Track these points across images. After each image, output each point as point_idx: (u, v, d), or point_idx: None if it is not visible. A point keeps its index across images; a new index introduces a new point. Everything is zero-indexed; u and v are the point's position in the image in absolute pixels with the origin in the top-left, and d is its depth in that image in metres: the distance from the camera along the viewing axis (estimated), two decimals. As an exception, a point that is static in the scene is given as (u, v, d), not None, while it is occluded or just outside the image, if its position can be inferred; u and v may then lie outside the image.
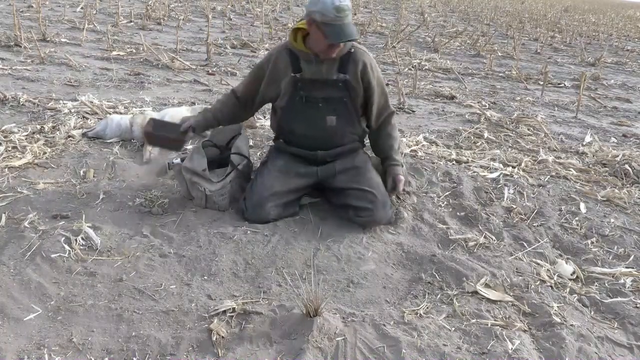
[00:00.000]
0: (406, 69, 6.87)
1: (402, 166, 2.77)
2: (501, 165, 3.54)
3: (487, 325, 1.96)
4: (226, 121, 2.76)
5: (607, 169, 3.71)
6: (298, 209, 2.66)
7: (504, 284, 2.24)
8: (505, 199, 3.05)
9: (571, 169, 3.63)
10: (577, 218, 2.90)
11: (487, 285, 2.21)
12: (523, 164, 3.60)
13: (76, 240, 2.25)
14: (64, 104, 4.01)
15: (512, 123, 4.67)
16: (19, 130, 3.37)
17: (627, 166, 3.63)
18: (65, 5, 9.58)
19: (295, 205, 2.65)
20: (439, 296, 2.14)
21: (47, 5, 9.56)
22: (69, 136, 3.35)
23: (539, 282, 2.28)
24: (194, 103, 4.44)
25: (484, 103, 5.43)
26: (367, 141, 2.88)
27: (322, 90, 2.56)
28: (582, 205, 3.05)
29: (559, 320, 2.00)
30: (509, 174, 3.39)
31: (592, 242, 2.69)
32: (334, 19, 2.31)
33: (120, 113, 3.89)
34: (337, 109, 2.59)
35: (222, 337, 1.81)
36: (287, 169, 2.62)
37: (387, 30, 10.46)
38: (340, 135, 2.65)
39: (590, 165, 3.77)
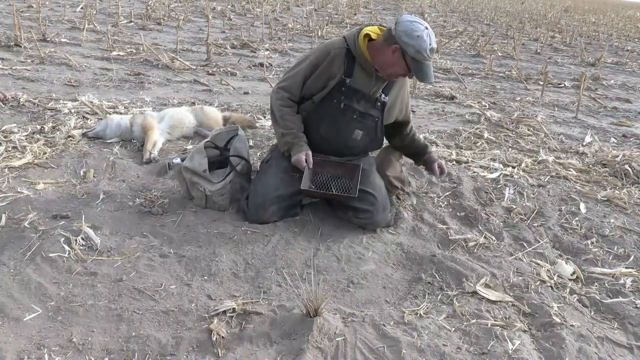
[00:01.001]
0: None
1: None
2: (501, 166, 3.54)
3: (487, 325, 1.96)
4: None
5: (607, 169, 3.71)
6: (299, 209, 2.66)
7: (504, 284, 2.24)
8: (505, 199, 3.05)
9: (571, 169, 3.63)
10: (577, 218, 2.90)
11: (487, 286, 2.21)
12: (523, 164, 3.60)
13: (76, 240, 2.25)
14: (64, 104, 4.01)
15: (512, 123, 4.67)
16: (19, 131, 3.37)
17: (627, 166, 3.63)
18: (65, 5, 9.58)
19: (297, 206, 2.65)
20: (439, 296, 2.14)
21: (47, 5, 9.56)
22: (69, 136, 3.35)
23: (539, 282, 2.28)
24: (194, 103, 4.44)
25: (484, 103, 5.43)
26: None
27: (362, 105, 2.56)
28: (582, 206, 3.05)
29: (559, 321, 2.00)
30: (509, 174, 3.39)
31: (592, 242, 2.69)
32: (425, 59, 2.35)
33: (120, 113, 3.89)
34: (367, 125, 2.61)
35: (222, 337, 1.81)
36: (292, 171, 2.59)
37: (387, 31, 10.44)
38: (359, 148, 2.69)
39: (590, 166, 3.77)
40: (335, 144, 2.64)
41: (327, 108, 2.55)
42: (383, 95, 2.58)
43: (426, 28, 2.35)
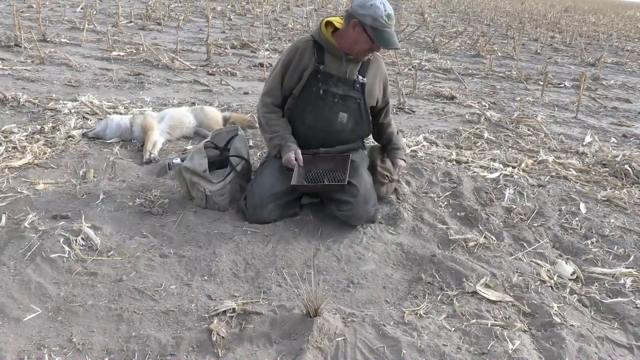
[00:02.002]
0: (406, 69, 6.87)
1: (404, 150, 2.93)
2: (501, 166, 3.54)
3: (487, 325, 1.96)
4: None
5: (607, 169, 3.71)
6: (299, 209, 2.66)
7: (504, 284, 2.24)
8: (505, 199, 3.05)
9: (571, 169, 3.63)
10: (577, 218, 2.90)
11: (487, 286, 2.21)
12: (523, 164, 3.60)
13: (76, 240, 2.25)
14: (64, 104, 4.01)
15: (512, 123, 4.67)
16: (19, 131, 3.37)
17: (627, 166, 3.63)
18: (65, 6, 9.58)
19: (295, 205, 2.65)
20: (439, 296, 2.14)
21: (47, 5, 9.56)
22: (69, 136, 3.35)
23: (539, 282, 2.28)
24: (194, 103, 4.44)
25: (484, 103, 5.43)
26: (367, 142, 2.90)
27: (340, 88, 2.65)
28: (582, 206, 3.05)
29: (559, 321, 2.00)
30: (509, 174, 3.39)
31: (592, 242, 2.69)
32: (384, 25, 2.45)
33: (120, 113, 3.89)
34: (351, 107, 2.68)
35: (222, 337, 1.81)
36: (287, 169, 2.61)
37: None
38: (347, 133, 2.74)
39: (590, 166, 3.77)
40: (323, 132, 2.70)
41: (307, 97, 2.64)
42: (360, 77, 2.66)
43: None
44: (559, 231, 2.76)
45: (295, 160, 2.59)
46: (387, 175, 2.81)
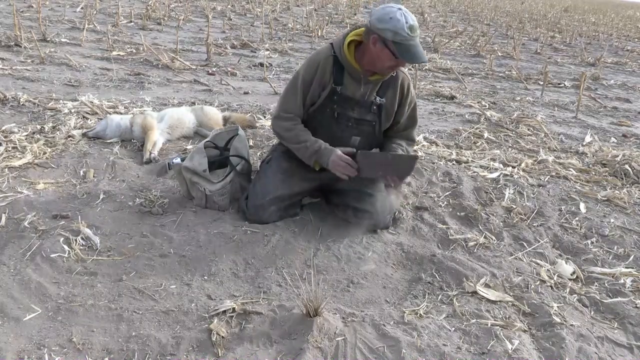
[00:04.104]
0: (406, 69, 6.86)
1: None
2: (501, 165, 3.54)
3: (487, 325, 1.96)
4: None
5: (607, 169, 3.71)
6: (299, 210, 2.66)
7: (504, 284, 2.24)
8: (505, 199, 3.05)
9: (571, 169, 3.63)
10: (577, 218, 2.90)
11: (487, 285, 2.21)
12: (523, 164, 3.60)
13: (76, 240, 2.25)
14: (64, 104, 4.01)
15: (512, 123, 4.67)
16: (19, 130, 3.37)
17: (627, 166, 3.63)
18: (65, 5, 9.58)
19: (296, 206, 2.64)
20: (439, 296, 2.14)
21: (47, 5, 9.56)
22: (69, 136, 3.35)
23: (539, 282, 2.28)
24: (194, 103, 4.44)
25: (484, 103, 5.43)
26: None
27: (356, 111, 2.50)
28: (582, 205, 3.05)
29: (559, 320, 2.00)
30: (509, 174, 3.39)
31: (592, 242, 2.69)
32: (407, 39, 2.24)
33: (120, 113, 3.89)
34: (365, 131, 2.56)
35: (222, 337, 1.81)
36: (292, 172, 2.57)
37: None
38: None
39: (590, 165, 3.77)
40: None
41: (321, 117, 2.51)
42: (378, 98, 2.51)
43: (399, 8, 2.27)
44: (559, 231, 2.76)
45: (346, 162, 2.37)
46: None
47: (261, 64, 6.20)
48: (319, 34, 8.95)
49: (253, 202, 2.55)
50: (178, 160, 2.68)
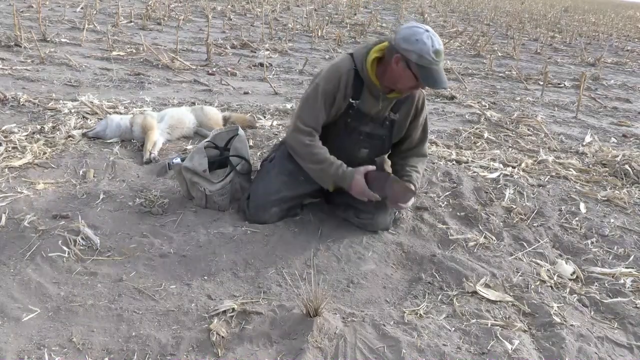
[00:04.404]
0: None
1: (415, 185, 2.57)
2: (501, 165, 3.55)
3: (487, 325, 1.96)
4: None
5: (607, 169, 3.71)
6: (299, 210, 2.66)
7: (504, 284, 2.24)
8: (505, 199, 3.05)
9: (571, 169, 3.63)
10: (577, 218, 2.90)
11: (487, 285, 2.21)
12: (523, 164, 3.60)
13: (76, 240, 2.25)
14: (64, 104, 4.01)
15: (512, 123, 4.67)
16: (19, 130, 3.37)
17: (627, 166, 3.63)
18: (65, 5, 9.58)
19: (297, 207, 2.64)
20: (439, 296, 2.14)
21: (47, 5, 9.56)
22: (69, 136, 3.35)
23: (539, 282, 2.28)
24: (194, 103, 4.44)
25: (484, 103, 5.43)
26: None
27: (369, 125, 2.48)
28: (582, 205, 3.05)
29: (559, 320, 2.00)
30: (509, 174, 3.39)
31: (592, 242, 2.69)
32: (431, 63, 2.20)
33: (120, 113, 3.89)
34: (374, 144, 2.55)
35: (222, 337, 1.81)
36: (297, 174, 2.56)
37: (387, 30, 10.46)
38: (365, 163, 2.58)
39: (590, 165, 3.77)
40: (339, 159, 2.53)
41: (332, 129, 2.48)
42: (392, 114, 2.48)
43: (427, 31, 2.23)
44: (559, 231, 2.76)
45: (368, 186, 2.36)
46: None
47: (261, 64, 6.20)
48: (319, 34, 8.94)
49: (255, 202, 2.54)
50: (178, 160, 2.67)
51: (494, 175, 3.35)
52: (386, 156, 2.78)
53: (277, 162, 2.64)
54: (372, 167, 2.41)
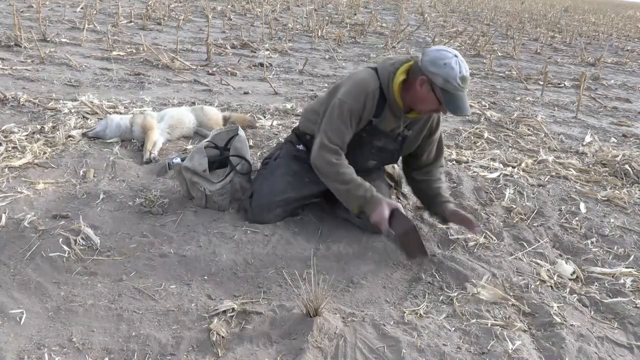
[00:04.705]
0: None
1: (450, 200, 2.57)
2: (501, 165, 3.55)
3: (487, 325, 1.96)
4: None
5: (607, 169, 3.71)
6: (300, 210, 2.65)
7: (504, 284, 2.24)
8: (505, 199, 3.05)
9: (571, 169, 3.63)
10: (577, 218, 2.90)
11: (487, 286, 2.21)
12: (523, 164, 3.60)
13: (76, 240, 2.25)
14: (64, 104, 4.01)
15: (512, 123, 4.67)
16: (19, 130, 3.37)
17: (627, 166, 3.63)
18: (65, 5, 9.58)
19: (300, 208, 2.64)
20: (439, 296, 2.14)
21: (47, 5, 9.56)
22: (69, 136, 3.35)
23: (539, 282, 2.28)
24: (194, 103, 4.44)
25: (484, 103, 5.43)
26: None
27: (382, 140, 2.47)
28: (582, 205, 3.05)
29: (559, 320, 2.00)
30: (509, 174, 3.39)
31: (592, 242, 2.69)
32: (456, 88, 2.17)
33: (120, 113, 3.89)
34: (383, 157, 2.55)
35: (222, 337, 1.81)
36: (302, 175, 2.56)
37: (387, 30, 10.46)
38: (372, 172, 2.61)
39: (590, 165, 3.77)
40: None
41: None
42: (406, 130, 2.47)
43: (455, 56, 2.19)
44: (559, 231, 2.76)
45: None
46: (391, 185, 2.84)
47: (261, 64, 6.20)
48: (319, 34, 8.94)
49: (259, 201, 2.53)
50: (178, 160, 2.68)
51: (494, 175, 3.35)
52: (399, 169, 2.80)
53: (282, 162, 2.63)
54: (399, 206, 2.35)
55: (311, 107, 2.64)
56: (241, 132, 2.84)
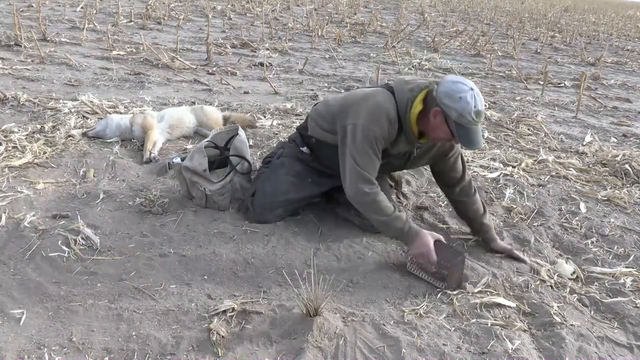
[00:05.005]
0: (406, 69, 6.87)
1: (494, 233, 2.51)
2: (501, 165, 3.55)
3: (487, 325, 1.96)
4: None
5: (607, 169, 3.71)
6: (300, 210, 2.65)
7: (504, 284, 2.24)
8: (505, 198, 3.05)
9: (571, 169, 3.63)
10: (577, 218, 2.90)
11: (487, 285, 2.21)
12: (523, 164, 3.60)
13: (76, 240, 2.25)
14: (64, 103, 4.01)
15: (512, 123, 4.67)
16: (19, 130, 3.37)
17: (627, 166, 3.63)
18: (65, 5, 9.58)
19: (301, 208, 2.64)
20: (439, 296, 2.14)
21: (47, 5, 9.56)
22: (69, 136, 3.35)
23: (539, 282, 2.28)
24: (194, 103, 4.44)
25: (484, 103, 5.42)
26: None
27: (388, 159, 2.43)
28: (582, 205, 3.05)
29: (559, 320, 2.00)
30: (509, 173, 3.39)
31: (592, 242, 2.69)
32: (470, 123, 2.14)
33: (120, 113, 3.89)
34: (385, 170, 2.55)
35: (222, 336, 1.81)
36: (305, 176, 2.56)
37: (387, 30, 10.46)
38: None
39: (590, 165, 3.77)
40: (339, 180, 2.47)
41: None
42: (415, 150, 2.46)
43: (471, 89, 2.15)
44: (559, 231, 2.76)
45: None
46: (391, 185, 2.84)
47: (261, 64, 6.20)
48: (319, 34, 8.94)
49: (261, 201, 2.53)
50: (178, 160, 2.68)
51: (494, 174, 3.35)
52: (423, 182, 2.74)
53: (285, 162, 2.62)
54: (440, 236, 2.30)
55: (321, 114, 2.53)
56: (241, 131, 2.84)
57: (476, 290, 2.16)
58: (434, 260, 2.18)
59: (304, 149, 2.62)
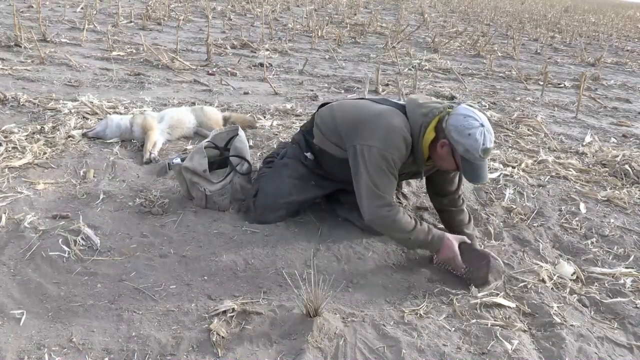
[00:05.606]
0: (406, 69, 6.87)
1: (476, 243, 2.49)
2: (501, 166, 3.55)
3: (487, 325, 1.96)
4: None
5: (607, 169, 3.71)
6: (302, 210, 2.65)
7: (504, 283, 2.24)
8: (505, 199, 3.05)
9: (571, 169, 3.63)
10: (577, 218, 2.90)
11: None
12: (523, 164, 3.60)
13: (76, 240, 2.25)
14: (64, 104, 4.01)
15: (512, 123, 4.67)
16: (19, 131, 3.37)
17: (627, 166, 3.63)
18: (65, 6, 9.58)
19: (302, 209, 2.64)
20: (439, 296, 2.14)
21: (47, 5, 9.56)
22: (69, 136, 3.35)
23: (539, 282, 2.28)
24: (194, 103, 4.44)
25: (484, 103, 5.43)
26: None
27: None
28: (582, 205, 3.05)
29: (559, 320, 2.00)
30: (509, 174, 3.39)
31: (592, 242, 2.69)
32: (476, 159, 2.13)
33: (120, 113, 3.89)
34: None
35: (222, 337, 1.81)
36: (308, 179, 2.57)
37: (387, 30, 10.46)
38: None
39: (590, 166, 3.77)
40: (342, 184, 2.52)
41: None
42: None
43: (482, 125, 2.11)
44: (559, 231, 2.76)
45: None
46: None
47: (261, 64, 6.20)
48: (319, 34, 8.94)
49: (263, 202, 2.53)
50: (178, 160, 2.68)
51: (494, 175, 3.35)
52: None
53: (289, 163, 2.62)
54: (465, 238, 2.31)
55: (327, 124, 2.49)
56: (241, 132, 2.85)
57: (480, 295, 2.15)
58: (461, 264, 2.21)
59: (308, 154, 2.59)
